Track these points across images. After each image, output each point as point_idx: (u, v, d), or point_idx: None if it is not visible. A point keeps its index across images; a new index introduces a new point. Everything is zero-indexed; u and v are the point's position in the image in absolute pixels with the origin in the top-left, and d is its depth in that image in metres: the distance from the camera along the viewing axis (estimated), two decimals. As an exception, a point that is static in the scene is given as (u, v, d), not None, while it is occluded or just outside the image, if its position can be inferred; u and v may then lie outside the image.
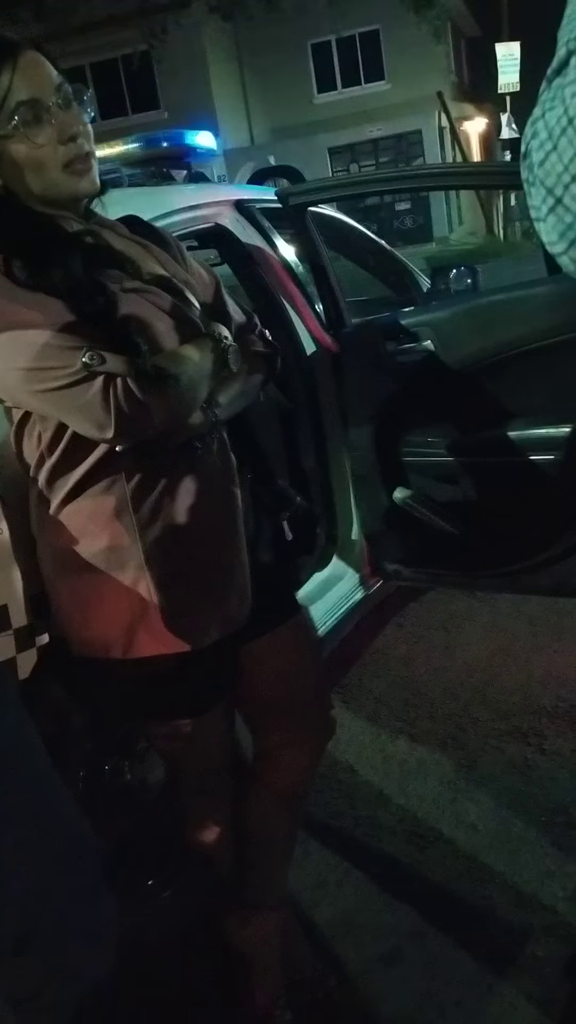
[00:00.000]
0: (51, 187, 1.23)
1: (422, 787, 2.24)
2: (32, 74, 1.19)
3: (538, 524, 2.30)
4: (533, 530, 2.30)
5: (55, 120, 1.20)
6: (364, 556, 2.61)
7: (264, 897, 1.65)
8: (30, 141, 1.19)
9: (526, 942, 1.75)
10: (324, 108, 21.36)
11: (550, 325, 2.17)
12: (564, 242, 0.63)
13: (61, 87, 1.22)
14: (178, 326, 1.29)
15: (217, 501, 1.36)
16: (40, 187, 1.23)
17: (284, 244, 2.54)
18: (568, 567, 2.28)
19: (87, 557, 1.28)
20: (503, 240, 18.15)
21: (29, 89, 1.18)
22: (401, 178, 3.57)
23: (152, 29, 17.98)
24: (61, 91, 1.21)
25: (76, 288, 1.19)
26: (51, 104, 1.20)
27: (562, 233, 0.63)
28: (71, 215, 1.30)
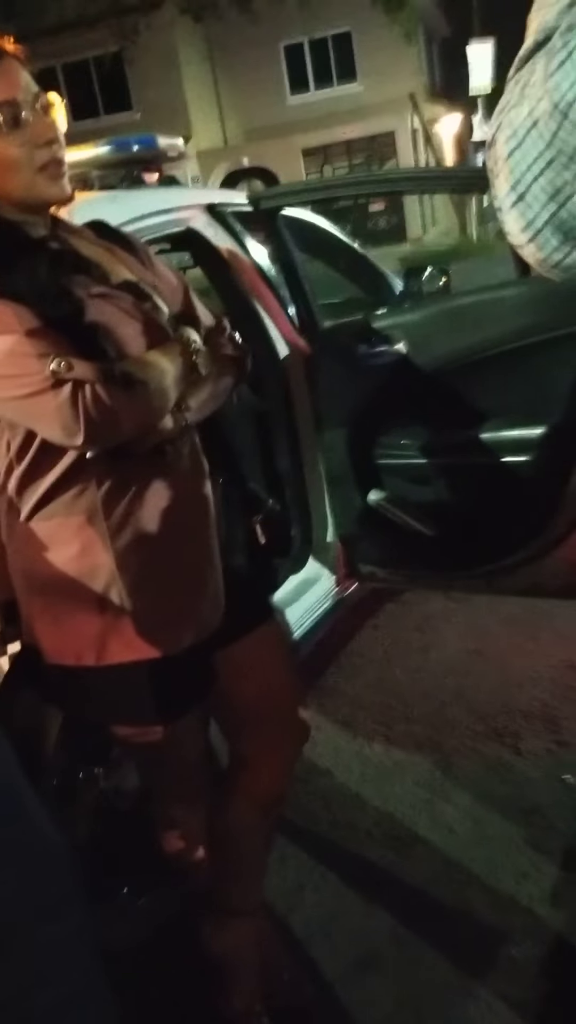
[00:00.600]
0: (25, 189, 1.23)
1: (399, 789, 2.24)
2: (12, 79, 1.21)
3: (512, 525, 2.31)
4: (507, 531, 2.31)
5: (32, 124, 1.21)
6: (339, 558, 2.61)
7: (241, 903, 1.64)
8: (7, 141, 1.19)
9: (503, 943, 1.76)
10: (297, 109, 21.37)
11: (521, 327, 2.19)
12: (525, 236, 0.64)
13: (38, 96, 1.23)
14: (146, 331, 1.28)
15: (189, 506, 1.35)
16: (13, 189, 1.23)
17: (256, 247, 2.54)
18: (542, 567, 2.29)
19: (58, 565, 1.28)
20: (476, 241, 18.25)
21: (9, 92, 1.20)
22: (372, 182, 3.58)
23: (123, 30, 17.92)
24: (39, 99, 1.23)
25: (43, 294, 1.19)
26: (29, 109, 1.21)
27: (523, 228, 0.63)
28: (38, 220, 1.29)
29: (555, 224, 0.61)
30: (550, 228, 0.62)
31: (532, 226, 0.62)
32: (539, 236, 0.62)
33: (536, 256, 0.65)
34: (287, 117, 21.10)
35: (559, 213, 0.60)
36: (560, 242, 0.62)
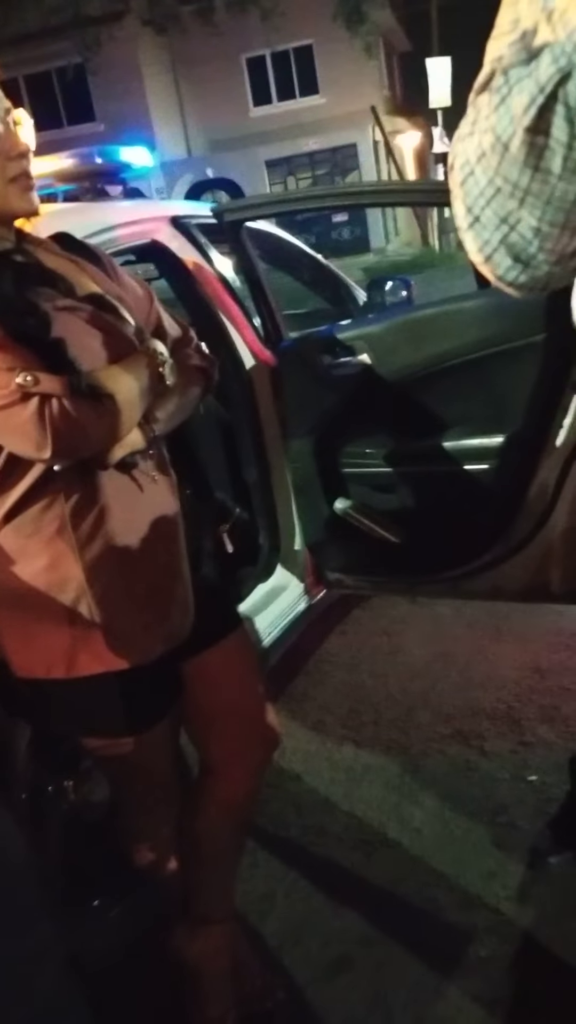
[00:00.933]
0: None
1: (368, 793, 2.26)
2: None
3: (474, 531, 2.35)
4: (469, 537, 2.35)
5: (3, 138, 1.22)
6: (307, 566, 2.63)
7: (212, 911, 1.64)
8: None
9: (471, 943, 1.78)
10: (260, 121, 21.49)
11: (480, 338, 2.23)
12: (481, 255, 0.68)
13: (8, 110, 1.24)
14: (113, 343, 1.29)
15: (157, 517, 1.36)
16: None
17: (220, 259, 2.56)
18: (504, 571, 2.33)
19: (26, 578, 1.27)
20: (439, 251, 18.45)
21: None
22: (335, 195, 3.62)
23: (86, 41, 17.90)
24: (8, 113, 1.24)
25: (8, 308, 1.18)
26: (3, 121, 1.22)
27: (479, 248, 0.67)
28: (3, 233, 1.29)
29: (507, 246, 0.65)
30: (503, 249, 0.65)
31: (487, 246, 0.66)
32: (494, 256, 0.66)
33: (493, 274, 0.68)
34: (250, 129, 21.22)
35: (509, 236, 0.64)
36: (512, 262, 0.66)
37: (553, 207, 0.60)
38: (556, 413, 2.12)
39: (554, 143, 0.57)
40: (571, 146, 0.56)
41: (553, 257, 0.64)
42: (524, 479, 2.21)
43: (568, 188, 0.59)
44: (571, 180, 0.58)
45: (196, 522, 1.56)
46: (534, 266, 0.65)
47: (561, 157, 0.57)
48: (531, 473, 2.19)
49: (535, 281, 0.67)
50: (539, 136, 0.57)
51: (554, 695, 2.50)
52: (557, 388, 2.10)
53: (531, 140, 0.57)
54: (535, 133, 0.57)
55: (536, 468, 2.19)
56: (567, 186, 0.59)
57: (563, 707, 2.43)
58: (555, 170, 0.58)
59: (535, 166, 0.59)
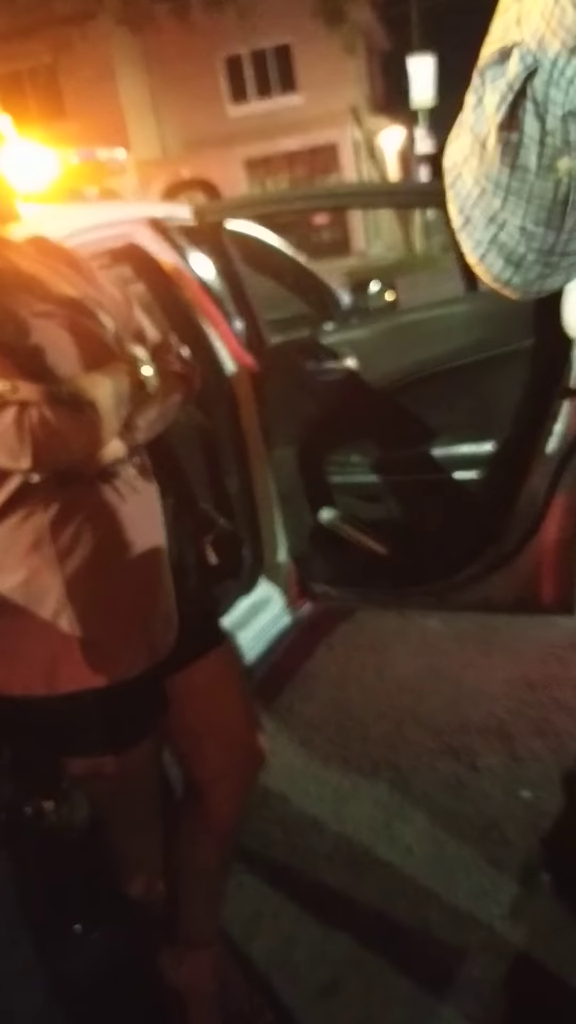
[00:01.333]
0: None
1: (357, 811, 2.22)
2: None
3: (462, 541, 2.32)
4: (458, 547, 2.32)
5: None
6: (292, 578, 2.60)
7: (198, 933, 1.62)
8: None
9: (463, 962, 1.75)
10: (238, 121, 21.47)
11: (469, 343, 2.21)
12: (475, 257, 0.69)
13: None
14: (92, 349, 1.27)
15: (139, 528, 1.33)
16: None
17: (200, 261, 2.51)
18: (493, 583, 2.31)
19: (4, 592, 1.25)
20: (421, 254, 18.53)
21: None
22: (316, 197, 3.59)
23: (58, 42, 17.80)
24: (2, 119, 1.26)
25: None
26: None
27: (472, 249, 0.68)
28: None
29: (497, 246, 0.66)
30: (494, 250, 0.66)
31: (479, 247, 0.67)
32: (487, 256, 0.67)
33: (488, 275, 0.69)
34: (227, 128, 21.20)
35: (499, 236, 0.65)
36: (504, 263, 0.66)
37: (535, 205, 0.61)
38: (546, 420, 2.10)
39: (527, 139, 0.58)
40: (543, 142, 0.57)
41: (543, 257, 0.64)
42: (514, 488, 2.19)
43: (545, 185, 0.59)
44: (547, 177, 0.59)
45: (179, 533, 1.52)
46: (525, 267, 0.66)
47: (535, 154, 0.58)
48: (521, 482, 2.17)
49: (528, 283, 0.67)
50: (513, 133, 0.58)
51: (545, 708, 2.47)
52: (547, 395, 2.08)
53: (505, 138, 0.59)
54: (509, 130, 0.58)
55: (526, 477, 2.17)
56: (543, 183, 0.59)
57: (555, 720, 2.41)
58: (531, 167, 0.59)
59: (512, 164, 0.60)
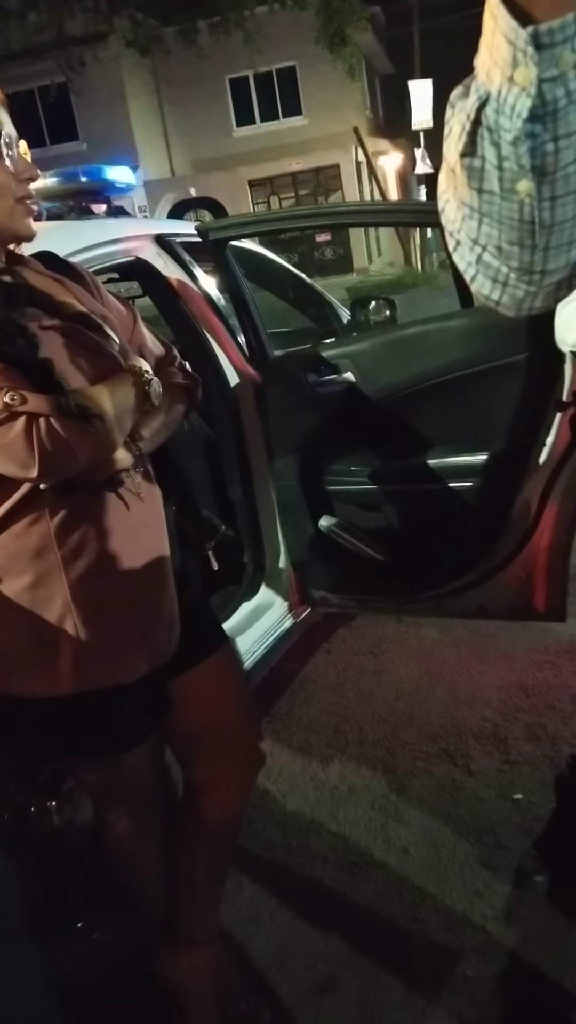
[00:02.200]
0: (6, 217, 1.26)
1: (354, 813, 2.25)
2: (3, 117, 1.25)
3: (458, 549, 2.35)
4: (454, 555, 2.36)
5: (16, 160, 1.25)
6: (292, 584, 2.63)
7: (197, 933, 1.63)
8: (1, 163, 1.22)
9: (458, 963, 1.77)
10: (243, 141, 21.67)
11: (464, 357, 2.24)
12: (467, 276, 0.71)
13: (14, 137, 1.27)
14: (98, 362, 1.29)
15: (143, 535, 1.35)
16: None
17: (205, 277, 2.57)
18: (489, 590, 2.34)
19: (11, 595, 1.26)
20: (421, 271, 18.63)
21: (4, 126, 1.24)
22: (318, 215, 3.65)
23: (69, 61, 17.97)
24: (18, 141, 1.27)
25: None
26: (14, 145, 1.25)
27: (464, 269, 0.70)
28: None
29: (482, 266, 0.68)
30: (481, 270, 0.68)
31: (470, 268, 0.69)
32: (477, 276, 0.69)
33: (480, 293, 0.71)
34: (233, 149, 21.40)
35: (483, 256, 0.67)
36: (492, 282, 0.68)
37: (506, 226, 0.63)
38: (539, 431, 2.14)
39: (488, 164, 0.61)
40: (501, 167, 0.60)
41: (524, 276, 0.66)
42: (507, 497, 2.22)
43: (511, 206, 0.62)
44: (511, 199, 0.61)
45: (182, 540, 1.55)
46: (511, 285, 0.67)
47: (496, 178, 0.61)
48: (514, 491, 2.21)
49: (516, 301, 0.69)
50: (475, 159, 0.61)
51: (539, 713, 2.50)
52: (540, 407, 2.12)
53: (469, 164, 0.62)
54: (471, 157, 0.61)
55: (519, 486, 2.20)
56: (509, 204, 0.62)
57: (548, 725, 2.44)
58: (495, 190, 0.62)
59: (478, 188, 0.63)
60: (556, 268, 0.65)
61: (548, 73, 0.54)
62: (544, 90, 0.55)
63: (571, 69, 0.54)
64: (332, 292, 3.91)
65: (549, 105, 0.55)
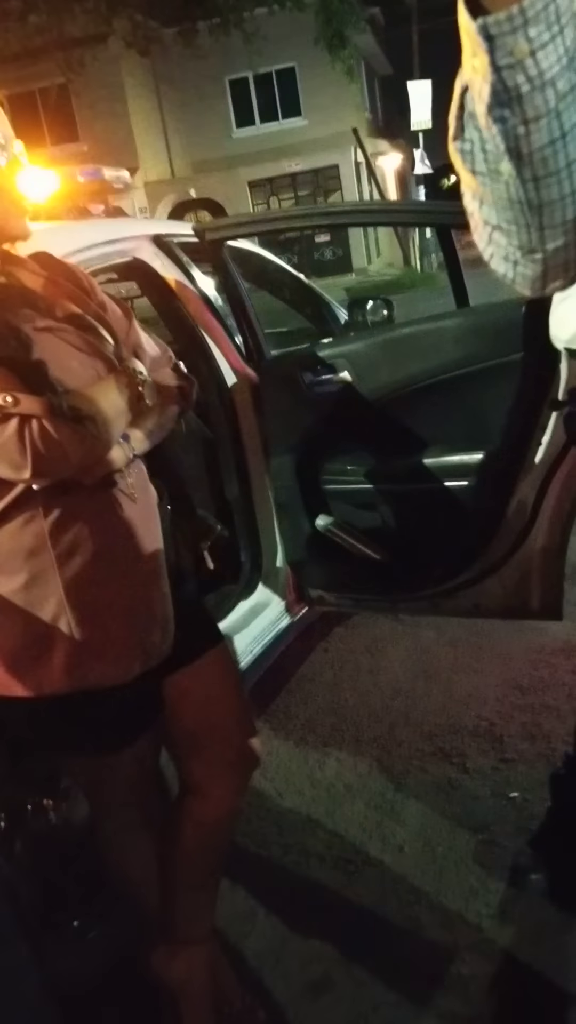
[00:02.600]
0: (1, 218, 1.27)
1: (350, 811, 2.25)
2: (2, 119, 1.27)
3: (454, 548, 2.36)
4: (449, 554, 2.36)
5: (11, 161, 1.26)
6: (289, 583, 2.63)
7: (192, 931, 1.63)
8: None
9: (452, 961, 1.77)
10: (243, 143, 21.69)
11: (460, 356, 2.25)
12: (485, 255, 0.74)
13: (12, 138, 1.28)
14: (92, 362, 1.30)
15: (138, 534, 1.36)
16: None
17: (203, 277, 2.57)
18: (485, 589, 2.34)
19: (5, 595, 1.26)
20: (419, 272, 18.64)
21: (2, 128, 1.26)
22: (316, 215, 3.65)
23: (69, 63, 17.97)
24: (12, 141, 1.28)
25: None
26: (11, 146, 1.27)
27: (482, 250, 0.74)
28: None
29: (494, 246, 0.72)
30: (494, 250, 0.72)
31: (487, 248, 0.73)
32: (494, 256, 0.73)
33: (497, 273, 0.75)
34: (233, 150, 21.41)
35: (493, 236, 0.71)
36: (504, 263, 0.72)
37: (500, 206, 0.67)
38: (534, 431, 2.14)
39: (475, 148, 0.65)
40: (484, 148, 0.64)
41: (528, 255, 0.69)
42: (503, 497, 2.23)
43: (497, 187, 0.65)
44: (496, 179, 0.65)
45: (177, 539, 1.56)
46: (521, 264, 0.70)
47: (482, 160, 0.65)
48: (510, 491, 2.21)
49: (528, 280, 0.72)
50: (465, 143, 0.65)
51: (535, 712, 2.50)
52: (535, 406, 2.12)
53: (460, 147, 0.66)
54: (462, 141, 0.65)
55: (515, 486, 2.21)
56: (496, 185, 0.65)
57: (544, 724, 2.44)
58: (483, 171, 0.65)
59: (472, 170, 0.66)
60: (556, 248, 0.68)
61: (504, 61, 0.58)
62: (504, 76, 0.58)
63: (528, 57, 0.57)
64: (331, 293, 3.92)
65: (512, 91, 0.59)
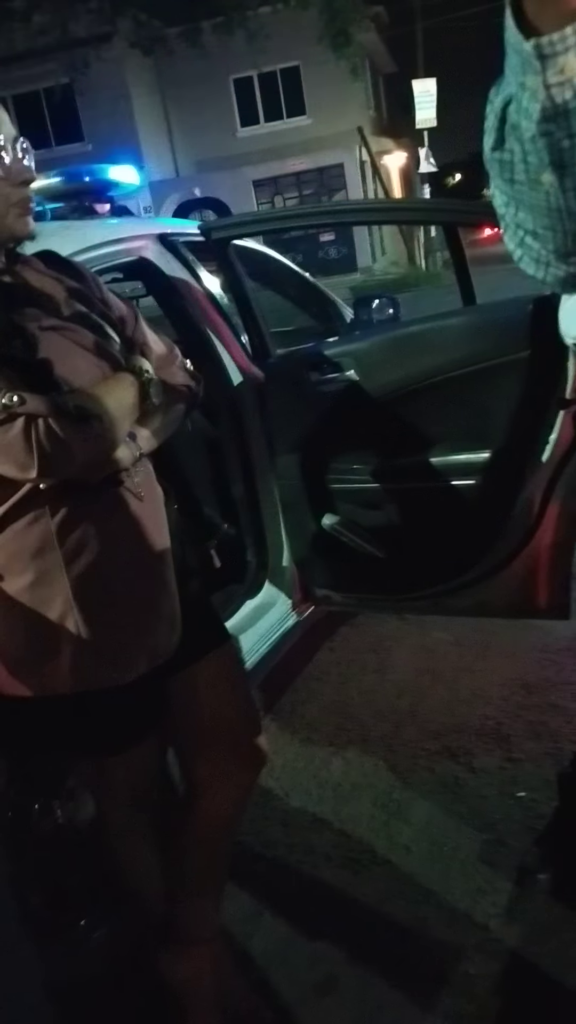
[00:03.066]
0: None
1: (356, 810, 2.25)
2: (2, 117, 1.25)
3: (459, 547, 2.35)
4: (455, 553, 2.36)
5: (12, 164, 1.25)
6: (295, 582, 2.63)
7: (197, 931, 1.63)
8: None
9: (459, 961, 1.77)
10: (247, 141, 21.69)
11: (466, 354, 2.24)
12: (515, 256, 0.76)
13: (17, 138, 1.27)
14: (98, 361, 1.30)
15: (144, 533, 1.36)
16: None
17: (208, 276, 2.57)
18: (489, 587, 2.34)
19: (12, 594, 1.27)
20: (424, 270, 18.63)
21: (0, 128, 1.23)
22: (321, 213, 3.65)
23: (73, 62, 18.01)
24: (18, 143, 1.27)
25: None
26: (10, 148, 1.25)
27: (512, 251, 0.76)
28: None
29: (524, 248, 0.73)
30: (525, 252, 0.74)
31: (517, 248, 0.75)
32: (523, 257, 0.75)
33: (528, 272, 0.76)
34: (237, 149, 21.41)
35: (525, 239, 0.73)
36: (535, 264, 0.74)
37: (537, 212, 0.68)
38: (541, 429, 2.14)
39: (515, 158, 0.66)
40: (526, 160, 0.65)
41: (561, 259, 0.71)
42: (510, 495, 2.22)
43: (537, 196, 0.67)
44: (536, 188, 0.66)
45: (183, 538, 1.55)
46: (553, 266, 0.72)
47: (522, 170, 0.66)
48: (517, 489, 2.21)
49: (559, 280, 0.74)
50: (504, 153, 0.67)
51: (542, 711, 2.50)
52: (542, 404, 2.12)
53: (499, 157, 0.68)
54: (501, 151, 0.67)
55: (522, 484, 2.20)
56: (536, 194, 0.67)
57: (551, 723, 2.43)
58: (523, 180, 0.67)
59: (510, 179, 0.68)
60: None
61: (554, 79, 0.59)
62: (553, 94, 0.60)
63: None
64: (336, 291, 3.91)
65: (560, 107, 0.60)
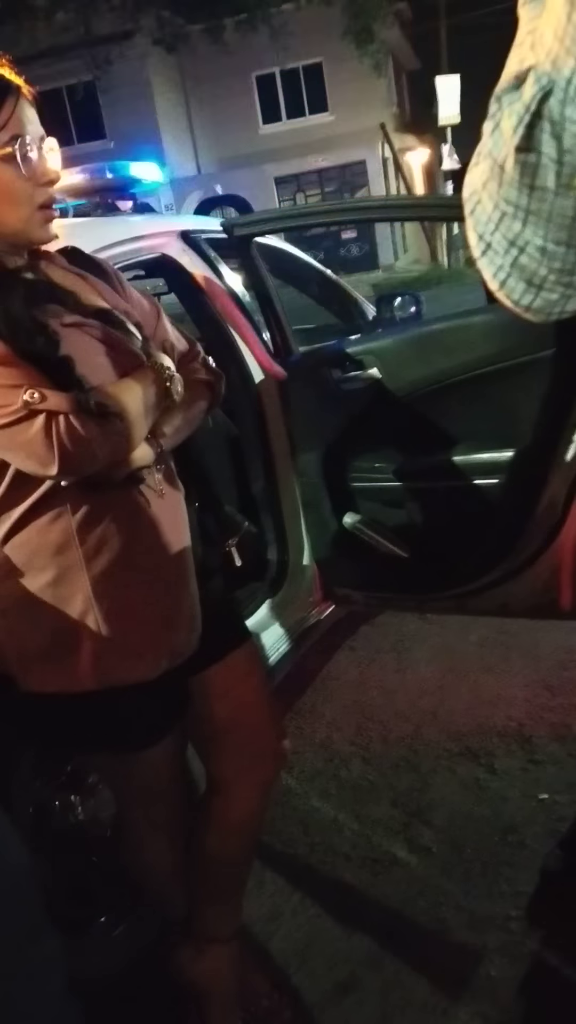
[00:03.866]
0: (22, 223, 1.25)
1: (376, 811, 2.24)
2: (30, 115, 1.25)
3: (482, 547, 2.33)
4: (478, 552, 2.34)
5: (38, 163, 1.24)
6: (315, 581, 2.62)
7: (218, 930, 1.63)
8: (15, 174, 1.22)
9: (480, 963, 1.76)
10: (270, 139, 21.68)
11: (489, 353, 2.22)
12: (496, 281, 0.69)
13: (43, 137, 1.26)
14: (120, 358, 1.29)
15: (165, 531, 1.35)
16: (10, 222, 1.25)
17: (230, 273, 2.57)
18: (513, 588, 2.32)
19: (33, 591, 1.26)
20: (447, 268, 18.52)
21: (23, 128, 1.23)
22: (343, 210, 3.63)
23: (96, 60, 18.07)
24: (43, 140, 1.26)
25: (17, 327, 1.18)
26: (36, 147, 1.24)
27: (493, 275, 0.68)
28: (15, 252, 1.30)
29: (518, 269, 0.66)
30: (515, 273, 0.66)
31: (500, 272, 0.67)
32: (508, 281, 0.67)
33: (509, 299, 0.69)
34: (260, 146, 21.41)
35: (519, 258, 0.65)
36: (526, 286, 0.67)
37: (555, 224, 0.62)
38: (565, 428, 2.11)
39: (545, 159, 0.59)
40: (561, 161, 0.58)
41: (563, 278, 0.65)
42: (533, 494, 2.20)
43: (565, 203, 0.61)
44: (566, 195, 0.60)
45: (204, 536, 1.55)
46: (548, 288, 0.66)
47: (554, 173, 0.59)
48: (540, 488, 2.18)
49: (549, 304, 0.68)
50: (531, 154, 0.59)
51: (565, 713, 2.47)
52: (566, 403, 2.09)
53: (523, 159, 0.60)
54: (526, 152, 0.59)
55: (545, 483, 2.17)
56: (563, 201, 0.60)
57: (574, 725, 2.41)
58: (550, 186, 0.60)
59: (530, 185, 0.61)
60: None
61: None
62: None
63: None
64: (358, 289, 3.90)
65: None
